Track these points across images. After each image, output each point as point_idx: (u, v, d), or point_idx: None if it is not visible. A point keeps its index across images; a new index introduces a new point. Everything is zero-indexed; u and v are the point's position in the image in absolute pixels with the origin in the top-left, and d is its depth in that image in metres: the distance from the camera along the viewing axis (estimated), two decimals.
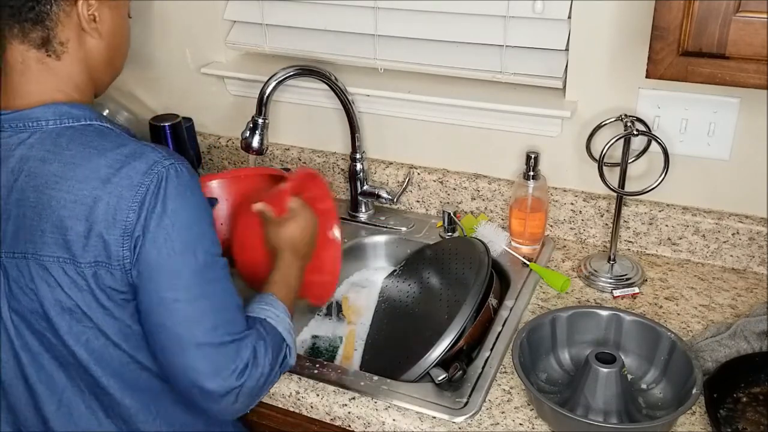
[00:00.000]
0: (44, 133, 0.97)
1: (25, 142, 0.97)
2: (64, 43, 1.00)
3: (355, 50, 1.61)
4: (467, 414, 1.13)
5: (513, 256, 1.49)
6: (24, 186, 0.95)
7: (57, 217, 0.93)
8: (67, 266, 0.94)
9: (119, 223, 0.92)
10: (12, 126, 0.98)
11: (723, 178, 1.42)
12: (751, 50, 1.01)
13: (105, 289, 0.95)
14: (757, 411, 1.13)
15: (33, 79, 1.00)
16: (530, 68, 1.46)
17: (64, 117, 0.98)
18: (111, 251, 0.93)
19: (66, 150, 0.95)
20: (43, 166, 0.95)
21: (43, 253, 0.94)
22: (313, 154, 1.75)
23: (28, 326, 0.99)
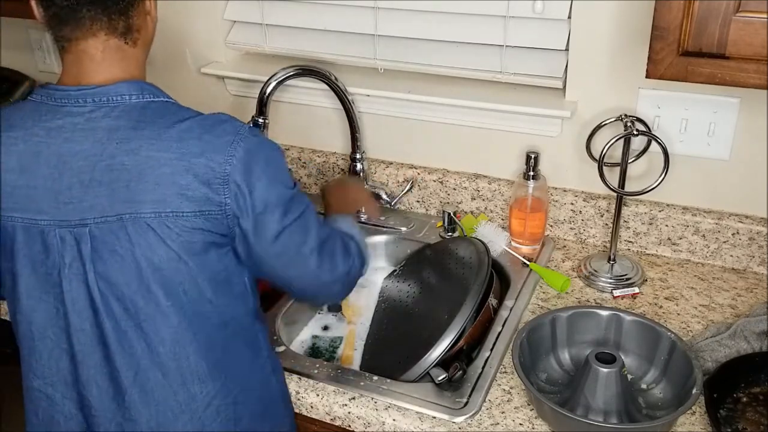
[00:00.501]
0: (128, 106, 1.02)
1: (110, 115, 1.01)
2: (139, 30, 1.06)
3: (355, 50, 1.61)
4: (467, 414, 1.13)
5: (513, 256, 1.49)
6: (115, 152, 0.98)
7: (158, 174, 0.97)
8: (169, 220, 0.98)
9: (218, 174, 0.98)
10: (95, 100, 1.01)
11: (723, 178, 1.42)
12: (751, 50, 1.01)
13: (207, 235, 1.00)
14: (757, 411, 1.13)
15: (110, 64, 1.04)
16: (530, 68, 1.46)
17: (146, 93, 1.04)
18: (213, 200, 0.99)
19: (157, 118, 1.01)
20: (136, 132, 0.99)
21: (143, 210, 0.97)
22: (313, 154, 1.75)
23: (113, 292, 1.01)
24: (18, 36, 2.01)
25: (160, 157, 0.98)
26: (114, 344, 1.03)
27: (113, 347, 1.03)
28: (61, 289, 1.02)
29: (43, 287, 1.03)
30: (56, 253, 1.01)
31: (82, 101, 1.02)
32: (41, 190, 1.00)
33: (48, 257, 1.02)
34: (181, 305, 1.02)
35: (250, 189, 1.01)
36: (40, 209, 1.01)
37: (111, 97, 1.02)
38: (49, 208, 1.00)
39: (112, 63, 1.04)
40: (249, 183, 1.01)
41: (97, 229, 0.99)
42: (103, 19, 1.02)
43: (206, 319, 1.05)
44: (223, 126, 1.03)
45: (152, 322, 1.02)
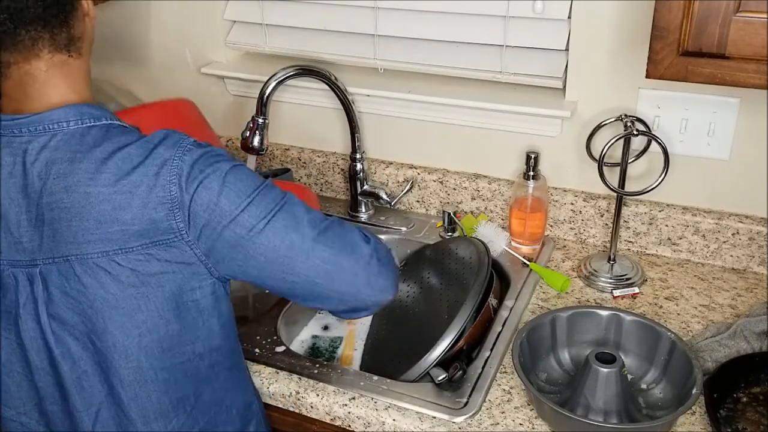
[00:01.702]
0: (66, 134, 0.95)
1: (48, 146, 0.94)
2: (81, 38, 1.00)
3: (355, 50, 1.61)
4: (467, 414, 1.13)
5: (513, 256, 1.49)
6: (54, 189, 0.93)
7: (98, 211, 0.92)
8: (119, 257, 0.93)
9: (165, 199, 0.93)
10: (30, 130, 0.95)
11: (723, 178, 1.42)
12: (751, 50, 1.01)
13: (164, 266, 0.95)
14: (757, 411, 1.13)
15: (51, 84, 0.97)
16: (530, 68, 1.46)
17: (85, 117, 0.96)
18: (163, 227, 0.93)
19: (94, 147, 0.94)
20: (73, 165, 0.93)
21: (89, 251, 0.93)
22: (313, 154, 1.76)
23: (70, 332, 0.97)
24: None
25: (99, 192, 0.92)
26: (71, 386, 0.99)
27: (71, 389, 1.00)
28: (19, 328, 0.98)
29: (4, 324, 1.00)
30: (12, 292, 0.97)
31: (17, 131, 0.95)
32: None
33: (6, 296, 0.98)
34: (142, 343, 0.97)
35: (204, 204, 0.94)
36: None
37: (47, 125, 0.95)
38: (2, 247, 0.96)
39: (58, 81, 0.97)
40: (200, 198, 0.94)
41: (47, 270, 0.95)
42: (45, 36, 0.94)
43: (173, 354, 1.00)
44: (163, 144, 0.95)
45: (111, 362, 0.98)
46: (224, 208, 0.95)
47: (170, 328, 0.98)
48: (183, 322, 0.99)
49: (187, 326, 1.00)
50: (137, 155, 0.94)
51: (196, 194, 0.94)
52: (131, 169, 0.93)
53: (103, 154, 0.93)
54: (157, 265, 0.94)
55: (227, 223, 0.95)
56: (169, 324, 0.98)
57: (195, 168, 0.94)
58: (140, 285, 0.95)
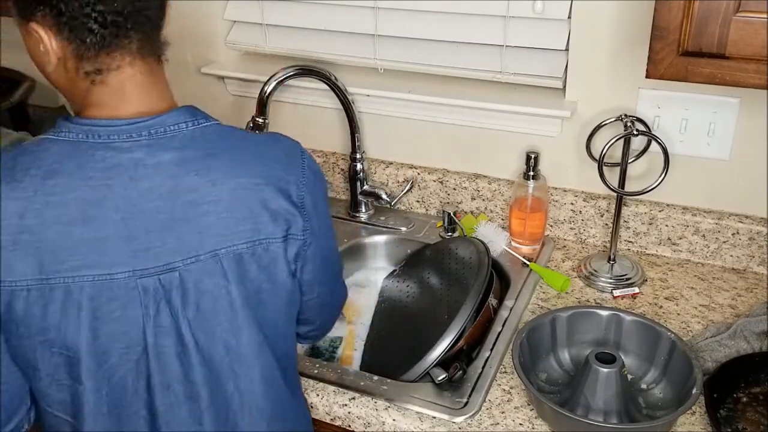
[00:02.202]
0: (186, 134, 0.93)
1: (171, 146, 0.91)
2: (165, 43, 0.99)
3: (355, 50, 1.61)
4: (467, 414, 1.13)
5: (513, 256, 1.49)
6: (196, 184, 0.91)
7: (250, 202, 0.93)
8: (262, 247, 0.94)
9: (298, 196, 0.97)
10: (151, 132, 0.91)
11: (723, 178, 1.42)
12: (751, 50, 1.01)
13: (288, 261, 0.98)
14: (757, 411, 1.13)
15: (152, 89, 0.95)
16: (530, 68, 1.46)
17: (199, 117, 0.95)
18: (297, 222, 0.97)
19: (222, 142, 0.95)
20: (213, 161, 0.92)
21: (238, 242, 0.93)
22: (313, 154, 1.75)
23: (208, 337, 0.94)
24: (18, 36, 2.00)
25: (248, 183, 0.92)
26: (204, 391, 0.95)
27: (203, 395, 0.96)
28: (145, 345, 0.91)
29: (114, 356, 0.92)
30: (138, 306, 0.90)
31: (137, 135, 0.90)
32: (113, 240, 0.88)
33: (124, 313, 0.90)
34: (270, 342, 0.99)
35: (315, 212, 1.00)
36: (113, 261, 0.88)
37: (167, 128, 0.92)
38: (124, 258, 0.88)
39: (153, 87, 0.95)
40: (315, 206, 1.00)
41: (187, 272, 0.90)
42: (154, 39, 0.94)
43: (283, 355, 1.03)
44: (290, 146, 1.01)
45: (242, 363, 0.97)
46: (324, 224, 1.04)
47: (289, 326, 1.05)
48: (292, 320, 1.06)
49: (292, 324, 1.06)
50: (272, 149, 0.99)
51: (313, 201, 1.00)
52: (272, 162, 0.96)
53: (237, 148, 0.95)
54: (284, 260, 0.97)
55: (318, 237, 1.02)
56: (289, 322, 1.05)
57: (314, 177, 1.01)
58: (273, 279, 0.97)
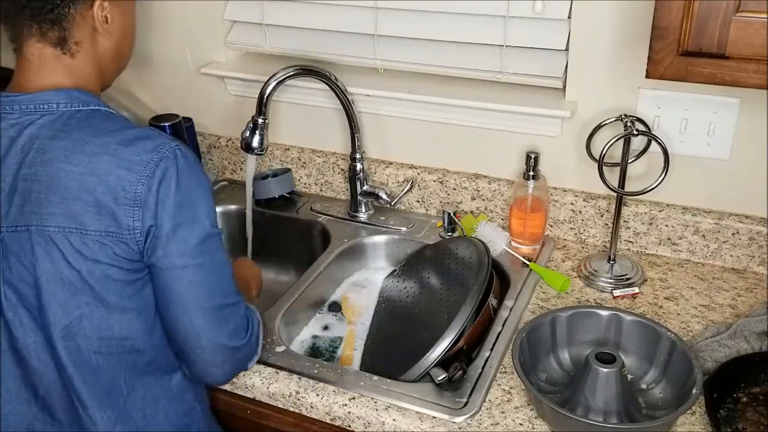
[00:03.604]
0: (54, 114, 1.02)
1: (35, 123, 1.01)
2: (78, 43, 1.06)
3: (355, 50, 1.61)
4: (467, 414, 1.13)
5: (513, 256, 1.49)
6: (33, 161, 0.99)
7: (65, 188, 0.97)
8: (72, 236, 0.97)
9: (129, 194, 0.97)
10: (22, 108, 1.02)
11: (723, 178, 1.42)
12: (751, 50, 1.01)
13: (113, 259, 0.99)
14: (757, 411, 1.13)
15: (47, 71, 1.05)
16: (530, 68, 1.46)
17: (74, 101, 1.03)
18: (121, 221, 0.97)
19: (76, 129, 1.00)
20: (53, 143, 0.99)
21: (48, 223, 0.97)
22: (313, 154, 1.75)
23: (21, 301, 1.01)
24: None
25: (71, 170, 0.97)
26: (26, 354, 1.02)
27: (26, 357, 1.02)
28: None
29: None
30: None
31: (9, 108, 1.02)
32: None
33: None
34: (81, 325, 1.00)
35: (160, 214, 0.98)
36: None
37: (37, 105, 1.02)
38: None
39: (50, 71, 1.05)
40: (161, 208, 0.98)
41: (9, 237, 1.00)
42: (33, 27, 1.03)
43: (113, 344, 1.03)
44: (143, 143, 1.00)
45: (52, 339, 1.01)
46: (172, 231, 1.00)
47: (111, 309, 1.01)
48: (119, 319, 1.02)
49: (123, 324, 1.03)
50: (116, 143, 0.99)
51: (159, 203, 0.98)
52: (107, 155, 0.97)
53: (85, 136, 0.99)
54: (106, 255, 0.98)
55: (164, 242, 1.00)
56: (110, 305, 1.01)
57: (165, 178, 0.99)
58: (86, 269, 0.98)
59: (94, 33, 1.08)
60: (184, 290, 1.03)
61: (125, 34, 1.14)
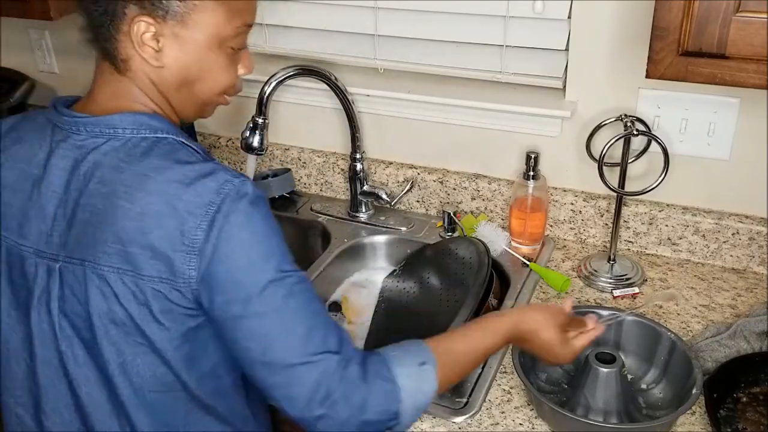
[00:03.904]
0: (119, 140, 0.96)
1: (100, 148, 0.96)
2: (126, 61, 0.98)
3: (355, 50, 1.61)
4: (467, 414, 1.13)
5: (513, 256, 1.49)
6: (94, 191, 0.94)
7: (122, 228, 0.91)
8: (126, 278, 0.92)
9: (186, 240, 0.89)
10: (88, 130, 0.97)
11: (723, 178, 1.42)
12: (751, 50, 1.01)
13: (165, 305, 0.93)
14: (757, 411, 1.13)
15: (108, 89, 1.00)
16: (530, 68, 1.46)
17: (142, 127, 0.97)
18: (176, 269, 0.90)
19: (139, 161, 0.94)
20: (115, 174, 0.93)
21: (101, 262, 0.92)
22: (313, 154, 1.75)
23: (76, 333, 0.97)
24: (18, 36, 2.01)
25: (129, 209, 0.91)
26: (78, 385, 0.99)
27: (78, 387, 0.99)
28: (29, 320, 0.99)
29: (19, 311, 1.01)
30: (30, 280, 0.99)
31: (75, 129, 0.97)
32: (29, 216, 0.98)
33: (24, 283, 0.99)
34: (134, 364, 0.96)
35: (218, 262, 0.89)
36: (24, 234, 0.99)
37: (103, 129, 0.96)
38: (32, 235, 0.98)
39: (112, 89, 1.00)
40: (219, 256, 0.89)
41: (65, 268, 0.96)
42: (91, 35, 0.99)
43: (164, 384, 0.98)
44: (206, 183, 0.91)
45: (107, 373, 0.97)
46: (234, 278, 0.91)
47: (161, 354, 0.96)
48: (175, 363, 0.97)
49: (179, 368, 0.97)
50: (178, 183, 0.91)
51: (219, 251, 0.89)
52: (167, 195, 0.90)
53: (146, 170, 0.92)
54: (158, 302, 0.92)
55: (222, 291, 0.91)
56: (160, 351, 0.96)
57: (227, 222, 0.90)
58: (138, 312, 0.93)
59: (134, 49, 0.97)
60: (244, 342, 0.92)
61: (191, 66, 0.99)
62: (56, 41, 1.97)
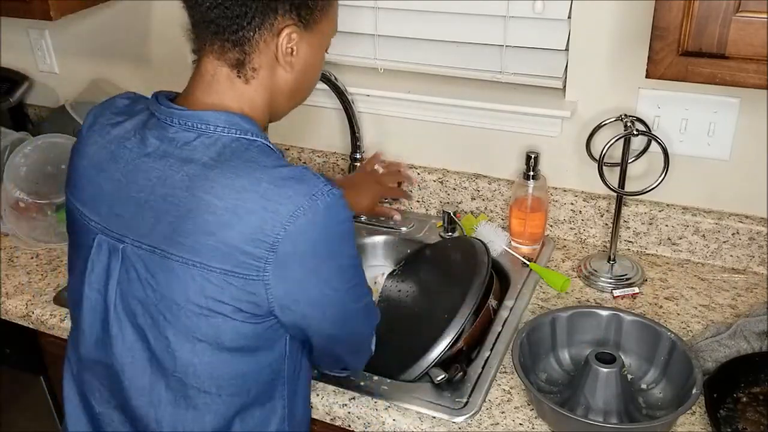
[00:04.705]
0: (210, 138, 0.96)
1: (190, 143, 0.96)
2: (256, 69, 0.99)
3: (355, 50, 1.61)
4: (467, 414, 1.13)
5: (513, 256, 1.49)
6: (178, 184, 0.94)
7: (202, 220, 0.91)
8: (195, 270, 0.92)
9: (268, 238, 0.90)
10: (181, 123, 0.97)
11: (723, 178, 1.42)
12: (751, 50, 1.01)
13: (234, 300, 0.93)
14: (757, 411, 1.13)
15: (218, 92, 1.00)
16: (530, 68, 1.46)
17: (233, 127, 0.97)
18: (251, 264, 0.91)
19: (229, 160, 0.94)
20: (204, 170, 0.93)
21: (174, 252, 0.93)
22: (313, 154, 1.75)
23: (129, 318, 0.98)
24: (18, 36, 2.01)
25: (212, 203, 0.91)
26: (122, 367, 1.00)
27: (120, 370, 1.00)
28: (82, 293, 1.02)
29: (78, 278, 1.04)
30: (90, 255, 1.01)
31: (170, 121, 0.98)
32: (105, 194, 1.00)
33: (84, 255, 1.02)
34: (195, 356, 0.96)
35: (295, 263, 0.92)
36: (95, 210, 1.01)
37: (195, 123, 0.96)
38: (102, 212, 1.00)
39: (220, 92, 0.99)
40: (297, 257, 0.92)
41: (131, 252, 0.97)
42: (216, 43, 0.97)
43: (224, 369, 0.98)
44: (296, 186, 0.92)
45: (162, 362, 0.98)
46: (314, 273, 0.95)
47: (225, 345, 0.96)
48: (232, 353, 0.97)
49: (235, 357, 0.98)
50: (266, 183, 0.92)
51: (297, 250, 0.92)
52: (254, 194, 0.91)
53: (235, 170, 0.93)
54: (228, 295, 0.93)
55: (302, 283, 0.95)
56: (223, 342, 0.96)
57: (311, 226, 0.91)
58: (204, 305, 0.93)
59: (275, 63, 1.00)
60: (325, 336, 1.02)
61: (308, 70, 1.05)
62: (56, 41, 1.97)
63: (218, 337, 0.95)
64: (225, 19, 0.95)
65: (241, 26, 0.96)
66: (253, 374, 1.00)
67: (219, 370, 0.97)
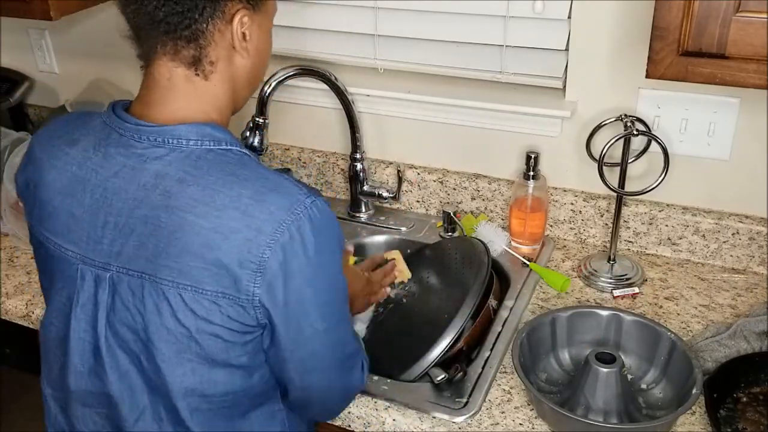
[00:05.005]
0: (183, 152, 0.92)
1: (162, 159, 0.92)
2: (214, 63, 0.96)
3: (355, 50, 1.61)
4: (467, 414, 1.13)
5: (513, 256, 1.49)
6: (157, 204, 0.91)
7: (187, 242, 0.89)
8: (186, 293, 0.90)
9: (254, 258, 0.88)
10: (150, 139, 0.93)
11: (723, 178, 1.42)
12: (751, 50, 1.01)
13: (225, 321, 0.92)
14: (757, 411, 1.13)
15: (178, 97, 0.96)
16: (530, 68, 1.46)
17: (206, 138, 0.94)
18: (241, 286, 0.89)
19: (207, 174, 0.91)
20: (181, 187, 0.90)
21: (162, 276, 0.91)
22: (313, 154, 1.75)
23: (121, 345, 0.96)
24: (18, 36, 2.01)
25: (195, 223, 0.88)
26: (118, 393, 0.98)
27: (118, 398, 0.98)
28: (69, 326, 0.98)
29: (61, 312, 1.00)
30: (72, 287, 0.97)
31: (137, 137, 0.94)
32: (78, 221, 0.96)
33: (67, 287, 0.99)
34: (185, 381, 0.95)
35: (283, 281, 0.90)
36: (71, 239, 0.97)
37: (167, 139, 0.93)
38: (79, 241, 0.96)
39: (180, 97, 0.96)
40: (284, 275, 0.90)
41: (118, 279, 0.94)
42: (168, 44, 0.94)
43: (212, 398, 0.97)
44: (277, 200, 0.90)
45: (158, 383, 0.96)
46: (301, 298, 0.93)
47: (217, 366, 0.95)
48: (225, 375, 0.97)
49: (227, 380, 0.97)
50: (248, 198, 0.89)
51: (285, 268, 0.90)
52: (236, 211, 0.89)
53: (214, 184, 0.90)
54: (218, 316, 0.91)
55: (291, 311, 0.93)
56: (216, 362, 0.95)
57: (295, 241, 0.89)
58: (195, 327, 0.92)
59: (231, 51, 0.97)
60: (309, 354, 0.98)
61: (261, 53, 1.04)
62: (56, 41, 1.97)
63: (210, 356, 0.94)
64: (175, 16, 0.92)
65: (193, 20, 0.92)
66: (246, 388, 0.99)
67: (213, 387, 0.96)
